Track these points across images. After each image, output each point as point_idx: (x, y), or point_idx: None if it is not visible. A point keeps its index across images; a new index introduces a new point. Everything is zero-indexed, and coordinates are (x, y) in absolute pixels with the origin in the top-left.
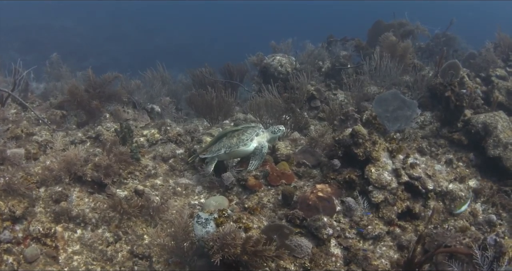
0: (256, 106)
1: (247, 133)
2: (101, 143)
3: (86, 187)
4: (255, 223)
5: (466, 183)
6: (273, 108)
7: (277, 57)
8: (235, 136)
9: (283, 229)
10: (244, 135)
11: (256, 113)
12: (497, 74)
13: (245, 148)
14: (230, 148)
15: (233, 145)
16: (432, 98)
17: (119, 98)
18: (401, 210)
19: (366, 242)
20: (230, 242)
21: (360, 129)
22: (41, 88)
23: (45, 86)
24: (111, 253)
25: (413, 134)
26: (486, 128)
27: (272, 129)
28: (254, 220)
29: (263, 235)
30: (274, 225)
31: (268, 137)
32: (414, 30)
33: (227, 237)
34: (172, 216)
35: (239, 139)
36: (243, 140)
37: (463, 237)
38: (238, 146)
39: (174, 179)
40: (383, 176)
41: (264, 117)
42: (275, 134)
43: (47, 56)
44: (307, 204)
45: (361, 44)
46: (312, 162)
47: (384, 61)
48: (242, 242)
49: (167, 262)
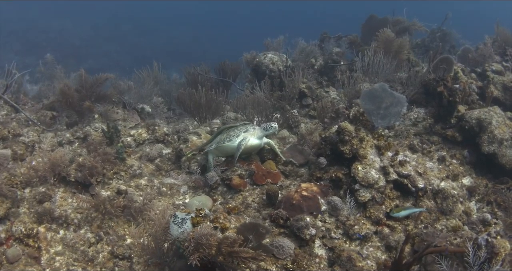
0: (242, 104)
1: (237, 130)
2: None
3: (70, 188)
4: (233, 223)
5: (460, 180)
6: (259, 106)
7: (269, 55)
8: (227, 132)
9: (258, 228)
10: (234, 131)
11: (243, 111)
12: (493, 69)
13: (230, 143)
14: (218, 143)
15: (221, 140)
16: (426, 94)
17: (109, 98)
18: (390, 209)
19: (352, 242)
20: (205, 243)
21: (346, 126)
22: (35, 90)
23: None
24: (92, 253)
25: (405, 131)
26: (480, 124)
27: (264, 126)
28: (231, 220)
29: (239, 234)
30: (249, 223)
31: (260, 133)
32: (410, 27)
33: (202, 237)
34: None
35: (228, 135)
36: (229, 136)
37: (454, 237)
38: (224, 142)
39: (159, 179)
40: (370, 174)
41: (250, 115)
42: (267, 131)
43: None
44: (291, 204)
45: (355, 40)
46: (300, 160)
47: (378, 57)
48: (218, 243)
49: (147, 263)
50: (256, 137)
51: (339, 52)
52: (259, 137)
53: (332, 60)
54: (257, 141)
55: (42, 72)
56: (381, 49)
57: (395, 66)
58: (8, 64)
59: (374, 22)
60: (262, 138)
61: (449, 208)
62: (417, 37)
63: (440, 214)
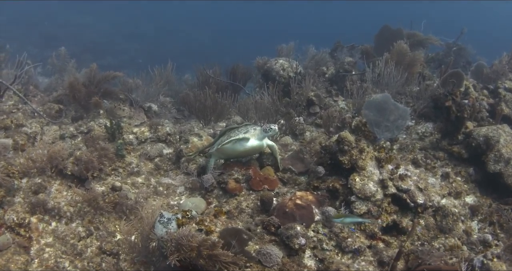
0: (244, 108)
1: (237, 131)
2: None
3: (66, 181)
4: (219, 226)
5: (462, 199)
6: (262, 111)
7: (280, 61)
8: (228, 133)
9: (241, 234)
10: (234, 132)
11: (246, 115)
12: (505, 86)
13: (229, 145)
14: (219, 145)
15: (222, 141)
16: (436, 109)
17: (116, 95)
18: (387, 224)
19: (344, 255)
20: (185, 244)
21: (346, 135)
22: (46, 83)
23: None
24: (81, 247)
25: (411, 145)
26: (487, 142)
27: (264, 128)
28: (218, 223)
29: (221, 239)
30: (231, 229)
31: (260, 135)
32: (424, 41)
33: (183, 238)
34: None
35: (228, 136)
36: (230, 137)
37: (450, 256)
38: (226, 144)
39: (157, 178)
40: (367, 186)
41: (253, 120)
42: (267, 133)
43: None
44: (284, 211)
45: (368, 50)
46: (300, 168)
47: (388, 69)
48: (198, 245)
49: (134, 261)
50: (256, 137)
51: (351, 61)
52: (259, 138)
53: (343, 70)
54: (257, 142)
55: (54, 65)
56: (393, 61)
57: (405, 79)
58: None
59: (388, 33)
60: (263, 139)
61: (449, 226)
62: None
63: (439, 231)
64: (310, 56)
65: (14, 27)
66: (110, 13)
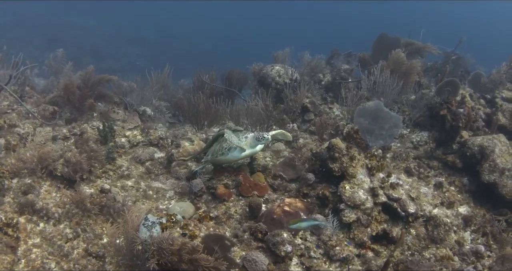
0: (235, 113)
1: (229, 141)
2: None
3: (56, 182)
4: (203, 231)
5: (455, 208)
6: (253, 116)
7: (276, 67)
8: (220, 142)
9: (223, 240)
10: (226, 142)
11: (236, 120)
12: (502, 96)
13: (223, 157)
14: (213, 155)
15: (215, 152)
16: (431, 118)
17: (110, 98)
18: (376, 233)
19: (332, 264)
20: (166, 248)
21: (337, 143)
22: (43, 84)
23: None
24: (68, 249)
25: (405, 153)
26: (482, 151)
27: (256, 136)
28: (202, 228)
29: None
30: (213, 235)
31: (252, 143)
32: (422, 49)
33: (163, 242)
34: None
35: (220, 147)
36: (222, 148)
37: (440, 267)
38: (217, 155)
39: (147, 182)
40: (357, 194)
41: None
42: (259, 142)
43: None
44: (272, 218)
45: (366, 58)
46: (291, 175)
47: (383, 77)
48: (177, 248)
49: (119, 264)
50: (248, 146)
51: (348, 69)
52: (252, 146)
53: (340, 77)
54: (249, 150)
55: (51, 66)
56: (388, 69)
57: (401, 88)
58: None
59: (385, 41)
60: (255, 146)
61: (441, 236)
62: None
63: (430, 241)
64: (306, 62)
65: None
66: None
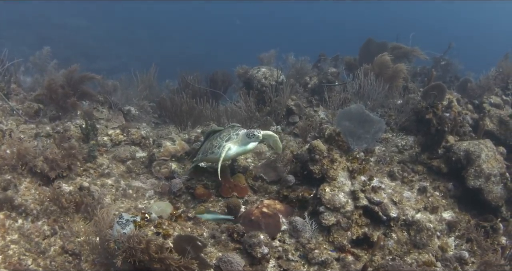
0: (216, 114)
1: (219, 139)
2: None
3: (36, 179)
4: (177, 230)
5: (439, 214)
6: (234, 117)
7: (262, 69)
8: (211, 140)
9: (195, 241)
10: (216, 140)
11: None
12: (491, 102)
13: (213, 156)
14: (203, 154)
15: (205, 151)
16: (417, 122)
17: (94, 97)
18: (357, 236)
19: (311, 267)
20: (134, 246)
21: (318, 144)
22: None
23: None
24: (45, 246)
25: (389, 157)
26: (468, 156)
27: (247, 133)
28: (176, 227)
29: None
30: (185, 236)
31: (243, 140)
32: (409, 53)
33: (131, 239)
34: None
35: (211, 145)
36: (212, 147)
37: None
38: (207, 154)
39: (127, 181)
40: (337, 197)
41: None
42: (250, 139)
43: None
44: (250, 219)
45: (352, 62)
46: (272, 177)
47: (368, 81)
48: (144, 247)
49: (94, 262)
50: (239, 144)
51: (335, 72)
52: (243, 143)
53: (326, 80)
54: (241, 148)
55: (35, 64)
56: (373, 72)
57: (387, 92)
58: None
59: (372, 46)
60: (248, 144)
61: (423, 241)
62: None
63: (413, 246)
64: (291, 64)
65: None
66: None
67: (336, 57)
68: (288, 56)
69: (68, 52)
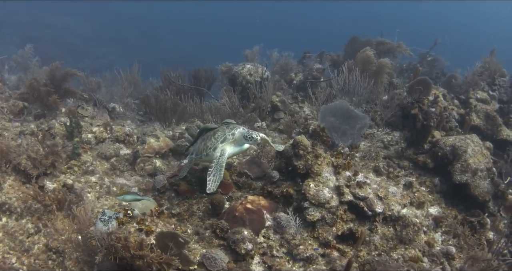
0: (199, 110)
1: (214, 139)
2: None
3: (20, 176)
4: (159, 227)
5: (425, 209)
6: (218, 114)
7: (247, 66)
8: (205, 139)
9: (177, 238)
10: (211, 140)
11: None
12: (477, 97)
13: (207, 158)
14: (197, 155)
15: (199, 151)
16: (403, 118)
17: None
18: (342, 232)
19: (296, 263)
20: (114, 243)
21: (302, 140)
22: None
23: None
24: (29, 244)
25: (374, 153)
26: (454, 151)
27: (245, 134)
28: (159, 223)
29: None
30: (167, 232)
31: (239, 141)
32: (394, 49)
33: (111, 236)
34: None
35: (205, 146)
36: (207, 148)
37: (407, 267)
38: (201, 156)
39: (111, 178)
40: (322, 192)
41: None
42: (247, 141)
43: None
44: (234, 215)
45: (337, 59)
46: (257, 173)
47: (353, 76)
48: (123, 244)
49: (78, 260)
50: (235, 144)
51: (320, 68)
52: (239, 144)
53: (312, 77)
54: (237, 148)
55: (18, 62)
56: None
57: (373, 87)
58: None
59: (357, 43)
60: (243, 144)
61: (409, 236)
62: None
63: (399, 242)
64: (275, 60)
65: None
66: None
67: (321, 54)
68: (272, 52)
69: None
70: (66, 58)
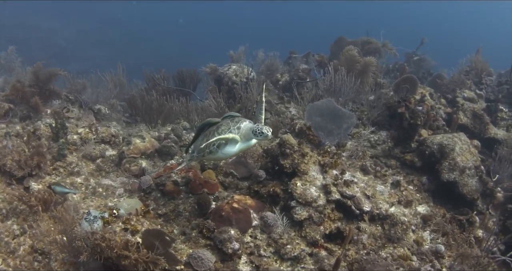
0: (185, 110)
1: (217, 134)
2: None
3: (5, 178)
4: (145, 226)
5: (413, 208)
6: (203, 113)
7: (233, 66)
8: (207, 135)
9: (163, 236)
10: (213, 135)
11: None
12: (464, 96)
13: (211, 156)
14: (199, 153)
15: (202, 149)
16: (390, 117)
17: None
18: (330, 231)
19: (283, 262)
20: (99, 243)
21: (288, 138)
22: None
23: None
24: (14, 246)
25: (361, 152)
26: (442, 150)
27: (254, 129)
28: (144, 223)
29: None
30: (153, 230)
31: (247, 135)
32: (380, 48)
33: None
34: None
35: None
36: (209, 145)
37: (396, 266)
38: (203, 153)
39: (97, 179)
40: (309, 191)
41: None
42: (256, 137)
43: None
44: (220, 215)
45: (322, 60)
46: (243, 173)
47: (339, 76)
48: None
49: (63, 261)
50: (243, 139)
51: (306, 69)
52: (247, 139)
53: (298, 77)
54: (244, 144)
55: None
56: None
57: (359, 87)
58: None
59: (343, 44)
60: (251, 139)
61: (398, 235)
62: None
63: (387, 241)
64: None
65: None
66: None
67: (307, 55)
68: (258, 52)
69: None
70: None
